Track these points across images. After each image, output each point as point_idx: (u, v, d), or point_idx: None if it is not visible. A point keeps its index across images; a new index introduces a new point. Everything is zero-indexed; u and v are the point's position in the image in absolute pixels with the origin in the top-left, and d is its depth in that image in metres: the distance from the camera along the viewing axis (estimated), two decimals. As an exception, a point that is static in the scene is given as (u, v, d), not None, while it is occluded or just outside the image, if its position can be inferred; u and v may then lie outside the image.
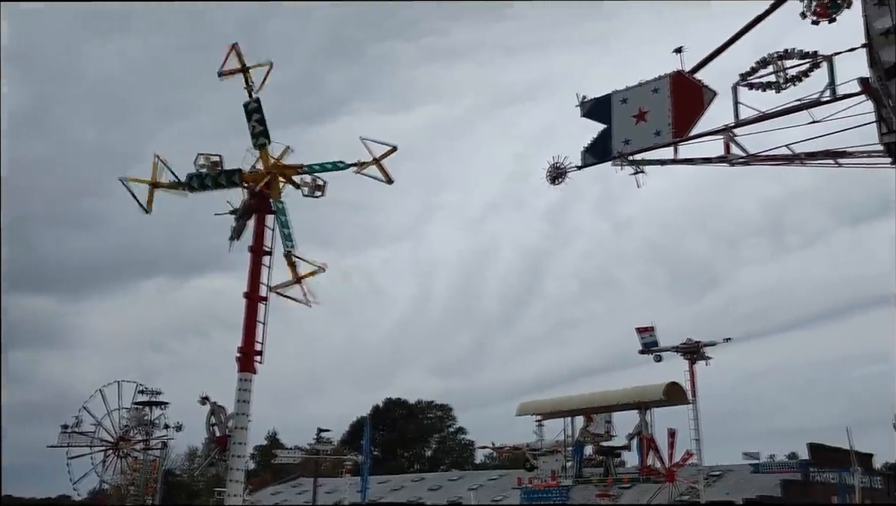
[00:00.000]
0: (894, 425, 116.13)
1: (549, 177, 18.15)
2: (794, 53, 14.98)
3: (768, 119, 15.36)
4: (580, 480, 25.60)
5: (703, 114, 16.35)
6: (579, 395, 26.57)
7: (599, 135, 17.60)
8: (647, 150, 16.89)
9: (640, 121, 16.94)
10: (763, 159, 15.81)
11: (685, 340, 34.35)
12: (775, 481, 49.96)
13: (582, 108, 17.94)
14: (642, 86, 17.15)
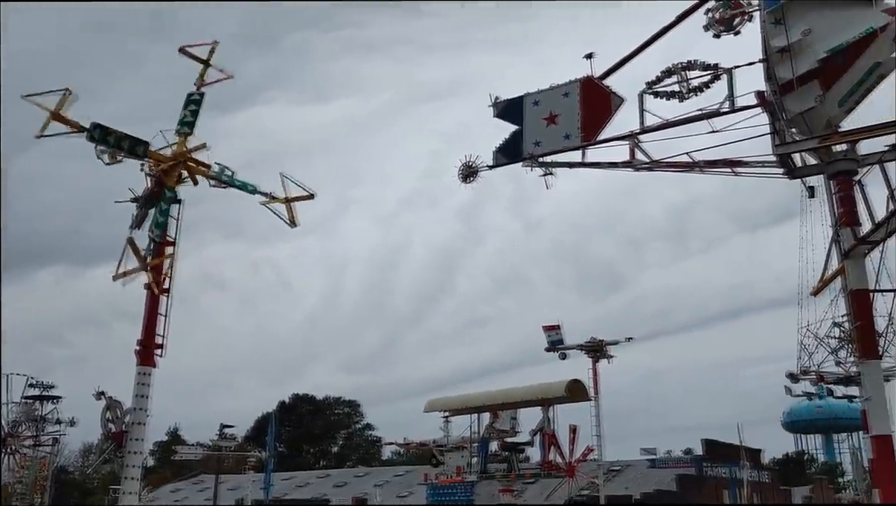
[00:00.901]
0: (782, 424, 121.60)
1: (461, 175, 18.30)
2: (696, 65, 15.60)
3: (671, 127, 15.94)
4: (485, 475, 25.89)
5: (611, 119, 16.82)
6: (486, 392, 26.91)
7: (511, 136, 17.86)
8: (557, 152, 17.26)
9: (550, 123, 17.28)
10: (665, 166, 16.38)
11: (589, 339, 35.33)
12: (671, 475, 51.77)
13: (495, 109, 18.16)
14: (554, 89, 17.50)
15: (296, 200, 19.93)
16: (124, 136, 19.94)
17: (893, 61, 14.43)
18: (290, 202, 19.96)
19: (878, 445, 14.24)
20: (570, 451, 22.91)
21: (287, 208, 20.14)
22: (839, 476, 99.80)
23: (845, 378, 29.12)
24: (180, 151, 20.41)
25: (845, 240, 14.63)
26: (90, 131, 19.46)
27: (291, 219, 20.23)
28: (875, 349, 14.83)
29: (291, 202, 19.97)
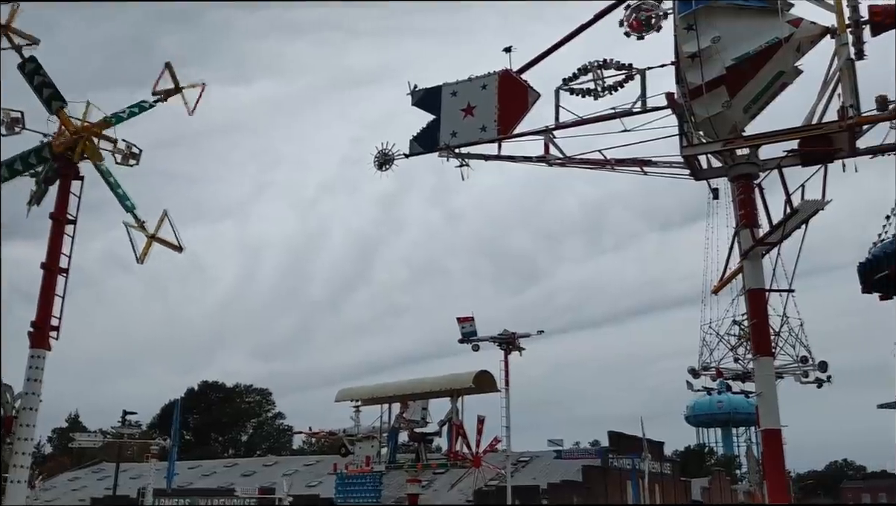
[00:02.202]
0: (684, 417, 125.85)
1: (377, 163, 18.17)
2: (611, 64, 15.88)
3: (585, 124, 16.19)
4: (393, 465, 25.81)
5: (527, 114, 16.97)
6: (396, 382, 26.81)
7: (428, 125, 17.83)
8: (473, 144, 17.30)
9: (467, 115, 17.31)
10: (578, 162, 16.65)
11: (502, 331, 35.76)
12: (577, 466, 53.06)
13: (413, 97, 18.08)
14: (472, 81, 17.53)
15: (160, 243, 17.70)
16: (52, 82, 18.64)
17: (795, 71, 15.03)
18: (153, 241, 17.74)
19: (767, 438, 14.88)
20: (476, 442, 23.05)
21: (147, 244, 17.96)
22: (736, 468, 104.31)
23: (743, 374, 30.36)
24: (79, 126, 19.26)
25: (744, 241, 15.19)
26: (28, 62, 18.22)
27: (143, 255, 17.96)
28: (768, 347, 15.49)
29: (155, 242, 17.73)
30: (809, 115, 14.74)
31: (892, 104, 13.97)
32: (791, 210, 14.26)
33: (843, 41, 14.01)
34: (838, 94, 14.16)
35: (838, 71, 14.15)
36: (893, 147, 15.91)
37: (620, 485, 55.29)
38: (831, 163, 14.58)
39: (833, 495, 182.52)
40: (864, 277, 19.82)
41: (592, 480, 53.57)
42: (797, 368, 31.33)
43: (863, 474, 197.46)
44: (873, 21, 13.91)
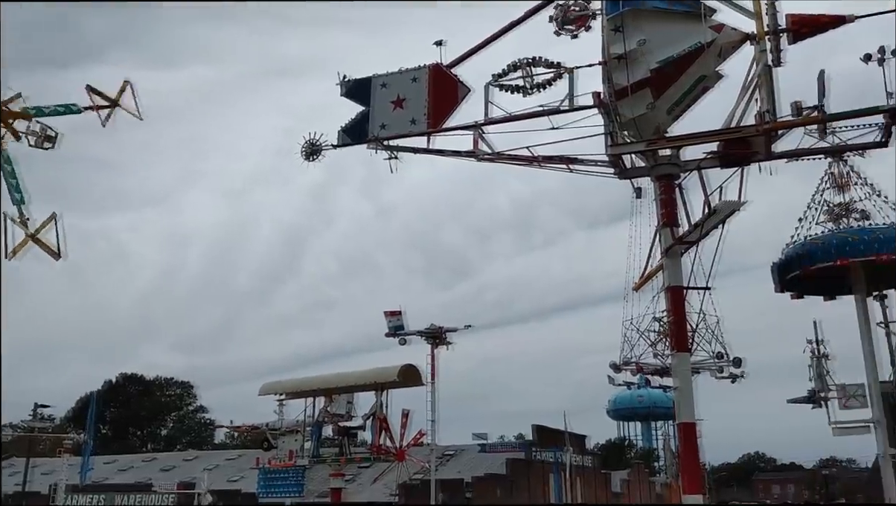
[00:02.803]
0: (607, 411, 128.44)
1: (305, 153, 17.92)
2: (541, 62, 16.02)
3: (514, 120, 16.29)
4: (317, 459, 25.55)
5: (457, 108, 16.97)
6: (321, 375, 26.54)
7: (358, 116, 17.65)
8: (402, 136, 17.22)
9: (397, 107, 17.21)
10: (507, 158, 16.75)
11: (429, 326, 35.90)
12: (502, 460, 53.63)
13: (342, 88, 17.88)
14: (403, 73, 17.43)
15: (38, 245, 16.40)
16: None
17: (717, 75, 15.46)
18: (31, 240, 16.48)
19: (683, 431, 15.32)
20: (401, 435, 23.02)
21: (22, 242, 16.63)
22: (654, 461, 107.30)
23: (662, 369, 31.14)
24: None
25: (665, 239, 15.56)
26: None
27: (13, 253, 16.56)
28: (686, 343, 15.92)
29: (33, 242, 16.45)
30: (729, 119, 15.20)
31: (807, 111, 14.52)
32: (710, 210, 14.68)
33: (762, 48, 14.49)
34: (757, 99, 14.64)
35: (757, 76, 14.63)
36: (808, 152, 16.61)
37: (543, 477, 56.13)
38: (749, 165, 15.07)
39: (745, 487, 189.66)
40: (777, 277, 20.67)
41: (516, 472, 54.22)
42: (713, 364, 32.34)
43: (774, 466, 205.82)
44: (791, 29, 14.42)
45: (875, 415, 19.66)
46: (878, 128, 15.32)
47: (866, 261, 18.99)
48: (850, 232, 19.38)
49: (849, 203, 20.25)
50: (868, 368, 20.06)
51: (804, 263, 19.43)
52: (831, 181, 20.49)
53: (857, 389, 20.01)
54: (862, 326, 20.17)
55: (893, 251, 18.57)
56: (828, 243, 19.23)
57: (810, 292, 21.33)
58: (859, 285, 20.26)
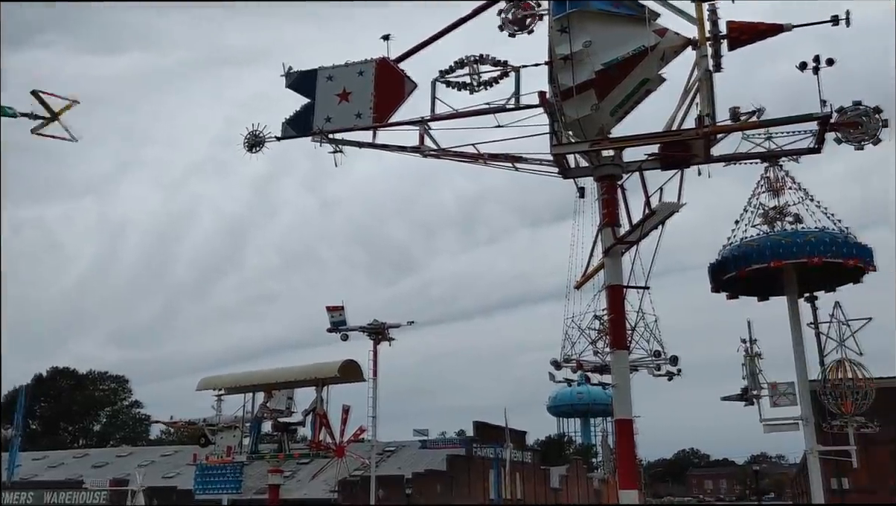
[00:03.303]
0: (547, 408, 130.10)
1: (247, 144, 17.65)
2: (488, 59, 16.07)
3: (460, 117, 16.32)
4: (255, 456, 25.20)
5: (403, 103, 16.92)
6: (261, 370, 26.17)
7: (302, 108, 17.47)
8: (347, 130, 17.09)
9: (343, 100, 17.07)
10: (452, 155, 16.78)
11: (372, 321, 35.77)
12: (442, 456, 53.84)
13: (287, 79, 17.66)
14: (349, 66, 17.30)
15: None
16: None
17: (659, 78, 15.74)
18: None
19: (620, 428, 15.58)
20: (341, 431, 22.86)
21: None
22: (593, 457, 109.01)
23: (601, 367, 31.56)
24: None
25: (606, 239, 15.79)
26: None
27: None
28: (624, 341, 16.20)
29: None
30: (670, 122, 15.49)
31: (745, 116, 14.90)
32: (649, 211, 14.94)
33: (703, 53, 14.81)
34: (696, 104, 14.95)
35: (698, 81, 14.94)
36: (744, 156, 17.06)
37: (483, 473, 56.50)
38: (688, 168, 15.38)
39: (680, 482, 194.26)
40: (713, 277, 21.12)
41: (456, 469, 54.46)
42: (650, 362, 32.95)
43: (707, 462, 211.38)
44: (731, 36, 14.77)
45: (803, 413, 20.28)
46: (812, 134, 15.82)
47: (798, 263, 19.52)
48: (784, 235, 19.90)
49: (783, 207, 20.78)
50: (798, 368, 20.66)
51: (739, 265, 19.88)
52: (766, 185, 21.00)
53: (787, 387, 20.57)
54: (793, 326, 20.75)
55: (824, 254, 19.15)
56: (762, 246, 19.71)
57: (745, 293, 21.85)
58: (791, 287, 20.85)
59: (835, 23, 14.24)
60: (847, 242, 19.52)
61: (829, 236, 19.55)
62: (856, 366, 21.75)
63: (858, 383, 21.60)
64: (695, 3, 15.00)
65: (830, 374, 21.95)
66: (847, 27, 14.20)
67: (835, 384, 21.69)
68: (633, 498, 15.17)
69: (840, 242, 19.47)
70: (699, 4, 14.93)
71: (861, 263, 19.63)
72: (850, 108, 15.45)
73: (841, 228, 19.92)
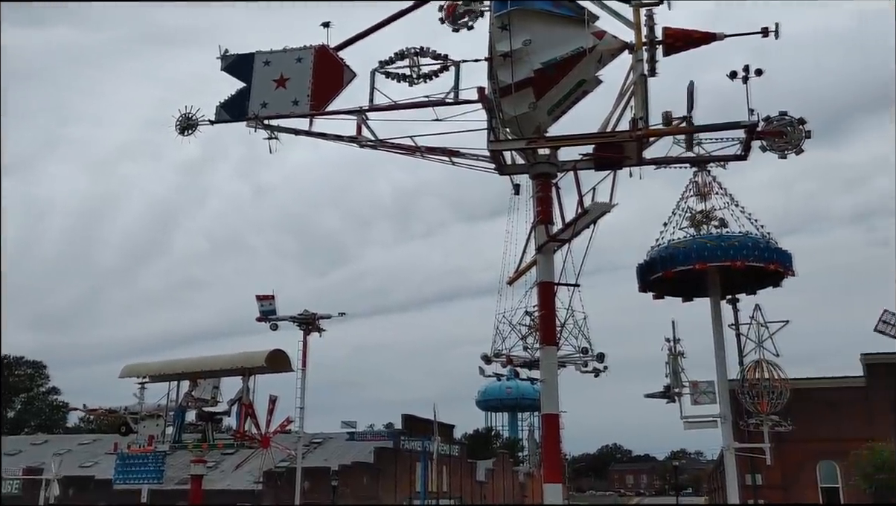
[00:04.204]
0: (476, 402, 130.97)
1: (179, 127, 17.21)
2: (428, 52, 16.03)
3: (398, 109, 16.24)
4: (178, 445, 24.67)
5: (342, 92, 16.76)
6: (187, 358, 25.58)
7: (237, 93, 17.12)
8: (283, 117, 16.83)
9: (280, 86, 16.80)
10: (389, 146, 16.70)
11: (302, 311, 35.40)
12: (370, 448, 53.76)
13: (223, 62, 17.29)
14: (287, 52, 17.03)
15: None
16: None
17: (596, 80, 15.98)
18: None
19: (546, 422, 15.81)
20: (267, 422, 22.56)
21: None
22: (519, 451, 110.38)
23: (530, 362, 31.99)
24: None
25: (539, 236, 15.97)
26: None
27: None
28: (553, 337, 16.43)
29: None
30: (605, 123, 15.74)
31: (677, 121, 15.25)
32: (582, 210, 15.17)
33: (638, 57, 15.08)
34: (631, 107, 15.23)
35: (633, 85, 15.22)
36: (675, 160, 17.49)
37: (410, 466, 56.62)
38: (621, 169, 15.68)
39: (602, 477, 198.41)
40: (641, 277, 21.64)
41: (383, 461, 54.45)
42: (578, 359, 33.60)
43: (629, 458, 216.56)
44: (666, 42, 15.08)
45: (722, 411, 20.97)
46: (739, 142, 16.32)
47: (722, 266, 20.17)
48: (709, 238, 20.53)
49: (709, 211, 21.43)
50: (718, 367, 21.36)
51: (666, 266, 20.43)
52: (695, 189, 21.62)
53: (708, 386, 21.25)
54: (715, 327, 21.44)
55: (746, 258, 19.81)
56: (688, 248, 20.30)
57: (670, 293, 22.46)
58: (714, 289, 21.52)
59: (765, 34, 14.69)
60: (769, 248, 20.26)
61: (752, 241, 20.25)
62: (772, 367, 22.63)
63: (774, 383, 22.48)
64: (632, 7, 15.25)
65: (748, 374, 22.79)
66: (776, 39, 14.67)
67: (752, 384, 22.53)
68: (556, 492, 15.42)
69: (762, 247, 20.18)
70: (637, 10, 15.19)
71: (781, 267, 20.41)
72: (777, 117, 16.00)
73: (763, 234, 20.66)
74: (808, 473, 44.85)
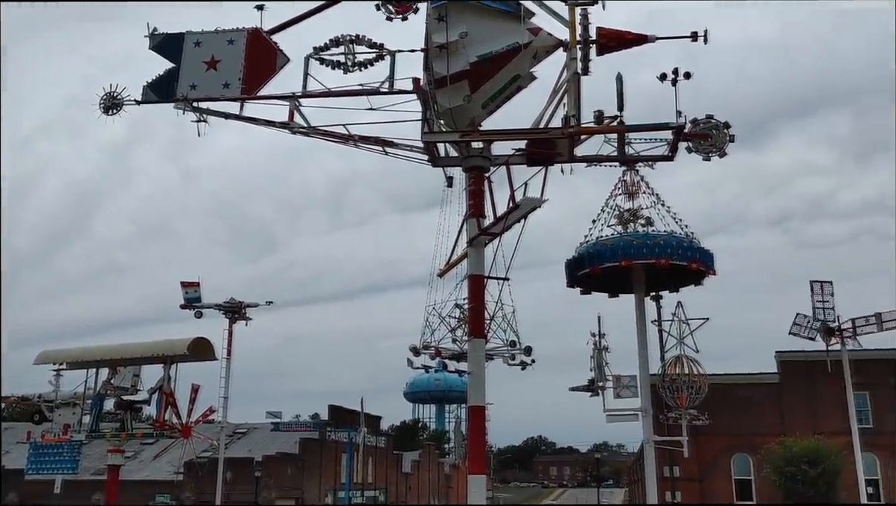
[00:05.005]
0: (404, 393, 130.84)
1: (103, 106, 16.64)
2: (364, 41, 15.89)
3: (332, 96, 16.05)
4: (95, 435, 23.99)
5: (274, 77, 16.47)
6: (107, 345, 24.84)
7: (166, 73, 16.64)
8: (214, 100, 16.44)
9: (210, 68, 16.40)
10: (322, 134, 16.49)
11: (228, 299, 34.78)
12: (295, 439, 53.28)
13: (151, 40, 16.77)
14: (218, 34, 16.64)
15: None
16: None
17: (530, 76, 16.11)
18: None
19: (473, 414, 15.91)
20: (188, 411, 22.13)
21: None
22: (445, 443, 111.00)
23: (459, 355, 32.13)
24: None
25: (471, 229, 16.04)
26: None
27: None
28: (482, 329, 16.54)
29: None
30: (538, 120, 15.89)
31: (608, 120, 15.51)
32: (513, 205, 15.29)
33: (572, 55, 15.26)
34: (564, 104, 15.42)
35: (566, 82, 15.40)
36: (605, 158, 17.79)
37: (336, 457, 56.37)
38: (552, 165, 15.87)
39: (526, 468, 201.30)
40: (569, 273, 21.98)
41: (308, 452, 54.04)
42: (506, 352, 33.88)
43: (553, 450, 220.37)
44: (600, 42, 15.31)
45: (643, 404, 21.50)
46: (667, 143, 16.71)
47: (647, 264, 20.63)
48: (635, 236, 20.97)
49: (636, 210, 21.89)
50: (641, 362, 21.89)
51: (593, 262, 20.78)
52: (623, 188, 22.06)
53: (630, 380, 21.75)
54: (638, 323, 21.95)
55: (670, 257, 20.32)
56: (615, 245, 20.70)
57: (597, 289, 22.87)
58: (639, 286, 22.02)
59: (694, 39, 15.05)
60: (692, 247, 20.83)
61: (676, 240, 20.79)
62: (692, 362, 23.33)
63: (693, 378, 23.19)
64: (568, 6, 15.42)
65: (669, 369, 23.45)
66: (705, 44, 15.06)
67: (672, 379, 23.18)
68: (480, 483, 15.55)
69: (686, 246, 20.74)
70: (572, 8, 15.37)
71: (703, 266, 21.01)
72: (704, 120, 16.43)
73: (687, 233, 21.23)
74: (722, 465, 46.51)
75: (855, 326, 21.86)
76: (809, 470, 39.02)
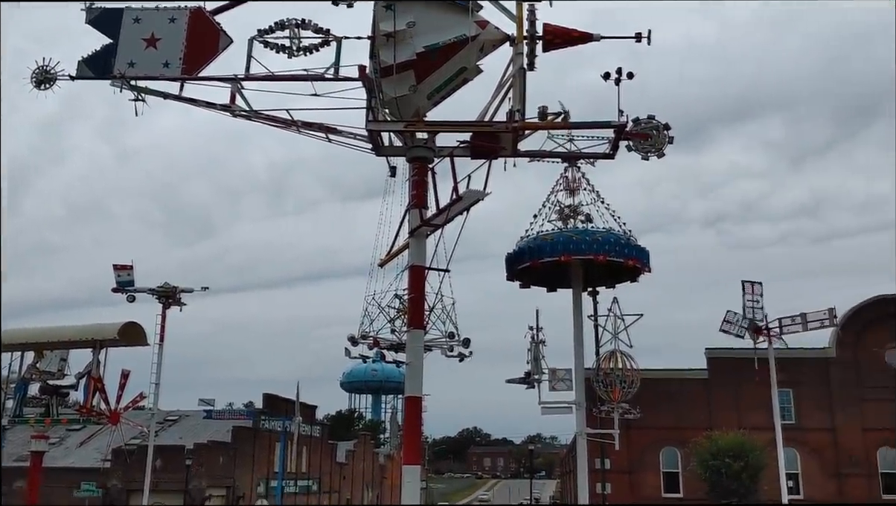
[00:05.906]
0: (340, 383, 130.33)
1: (34, 80, 16.04)
2: (309, 25, 15.67)
3: (275, 81, 15.81)
4: (19, 420, 23.24)
5: (216, 58, 16.12)
6: (32, 328, 24.04)
7: (103, 49, 16.13)
8: (152, 79, 16.02)
9: (150, 46, 15.95)
10: (264, 118, 16.23)
11: (162, 284, 33.94)
12: (228, 427, 52.48)
13: (88, 14, 16.23)
14: (159, 11, 16.20)
15: None
16: None
17: (476, 69, 16.14)
18: None
19: (409, 405, 15.94)
20: (118, 397, 21.59)
21: None
22: (381, 433, 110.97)
23: (397, 345, 32.06)
24: None
25: (413, 220, 16.02)
26: None
27: None
28: (421, 320, 16.55)
29: None
30: (483, 113, 15.95)
31: (551, 116, 15.67)
32: (456, 196, 15.33)
33: (519, 51, 15.35)
34: (509, 98, 15.50)
35: (512, 77, 15.49)
36: (547, 154, 17.98)
37: (269, 446, 55.76)
38: (496, 159, 15.95)
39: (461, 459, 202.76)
40: (509, 266, 22.16)
41: (241, 440, 53.35)
42: (445, 343, 33.97)
43: (488, 441, 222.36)
44: (546, 38, 15.43)
45: (577, 397, 21.85)
46: (609, 141, 16.96)
47: (585, 259, 20.95)
48: (575, 232, 21.26)
49: (577, 206, 22.18)
50: (576, 356, 22.22)
51: (533, 256, 21.01)
52: (564, 184, 22.31)
53: (565, 373, 22.07)
54: (575, 317, 22.27)
55: (608, 253, 20.66)
56: (555, 240, 20.95)
57: (536, 283, 23.13)
58: (577, 281, 22.34)
59: (638, 39, 15.29)
60: (629, 244, 21.23)
61: (614, 237, 21.15)
62: (626, 357, 23.78)
63: (627, 372, 23.64)
64: (516, 2, 15.50)
65: (603, 363, 23.85)
66: (648, 45, 15.31)
67: (606, 373, 23.60)
68: (414, 473, 15.59)
69: (623, 243, 21.12)
70: (520, 4, 15.44)
71: (639, 264, 21.44)
72: (645, 120, 16.71)
73: (625, 231, 21.62)
74: (651, 458, 47.67)
75: (781, 325, 22.58)
76: (734, 464, 40.28)
